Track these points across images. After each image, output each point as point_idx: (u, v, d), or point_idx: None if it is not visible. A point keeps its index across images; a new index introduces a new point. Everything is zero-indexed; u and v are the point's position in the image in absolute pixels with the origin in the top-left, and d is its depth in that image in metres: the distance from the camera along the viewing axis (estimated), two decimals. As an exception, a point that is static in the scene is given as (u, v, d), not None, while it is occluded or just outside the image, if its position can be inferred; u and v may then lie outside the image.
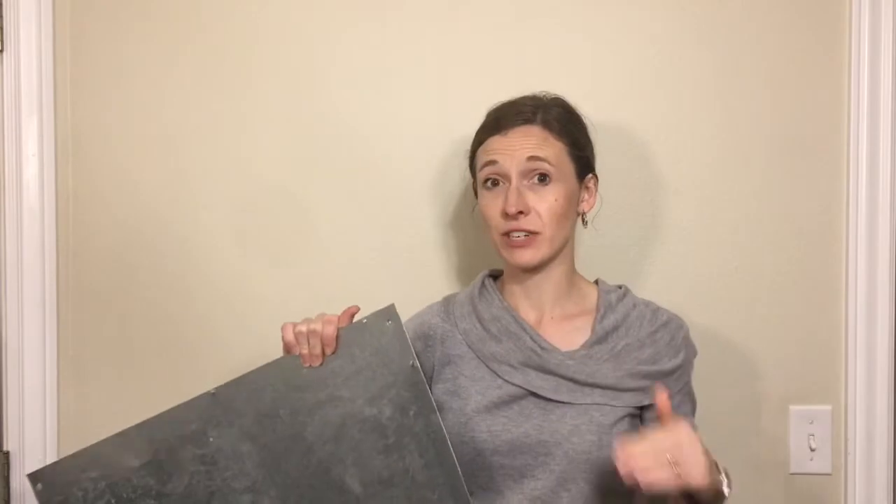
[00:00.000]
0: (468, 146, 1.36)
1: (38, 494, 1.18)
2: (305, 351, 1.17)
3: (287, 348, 1.19)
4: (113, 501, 1.18)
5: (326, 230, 1.55)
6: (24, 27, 1.54)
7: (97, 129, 1.57)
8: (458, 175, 1.51)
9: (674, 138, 1.51)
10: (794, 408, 1.52)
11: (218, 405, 1.19)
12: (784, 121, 1.51)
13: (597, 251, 1.50)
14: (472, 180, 1.37)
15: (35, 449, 1.56)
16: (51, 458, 1.56)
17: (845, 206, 1.51)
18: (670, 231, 1.52)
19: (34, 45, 1.55)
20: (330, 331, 1.17)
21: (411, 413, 1.17)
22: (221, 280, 1.56)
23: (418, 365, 1.18)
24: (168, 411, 1.20)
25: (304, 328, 1.17)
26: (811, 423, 1.52)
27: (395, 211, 1.54)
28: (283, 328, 1.19)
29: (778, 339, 1.52)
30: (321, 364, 1.18)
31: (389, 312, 1.19)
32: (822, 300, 1.52)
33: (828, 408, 1.52)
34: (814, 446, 1.51)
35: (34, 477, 1.19)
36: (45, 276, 1.56)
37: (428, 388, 1.19)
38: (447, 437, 1.17)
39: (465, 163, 1.37)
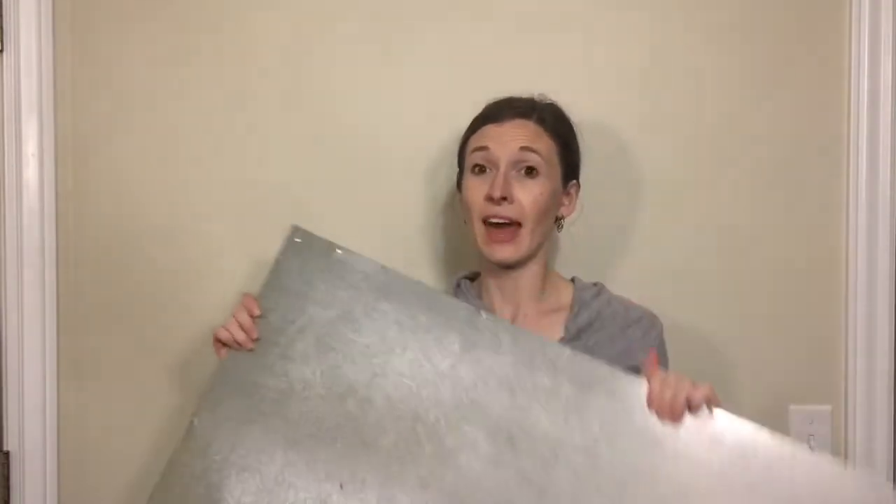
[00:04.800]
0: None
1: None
2: (241, 335, 1.21)
3: (229, 347, 1.23)
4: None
5: (328, 229, 1.55)
6: (24, 27, 1.54)
7: (97, 129, 1.57)
8: (452, 173, 1.51)
9: (673, 139, 1.51)
10: (794, 408, 1.52)
11: (205, 429, 1.20)
12: (784, 121, 1.51)
13: (597, 252, 1.50)
14: (457, 173, 1.37)
15: (35, 449, 1.56)
16: (51, 459, 1.56)
17: (845, 206, 1.51)
18: (669, 231, 1.52)
19: (34, 45, 1.54)
20: (246, 299, 1.23)
21: (364, 286, 1.21)
22: (222, 280, 1.55)
23: (341, 249, 1.23)
24: (165, 469, 1.21)
25: (230, 319, 1.23)
26: (811, 423, 1.52)
27: (396, 210, 1.54)
28: (215, 336, 1.23)
29: (778, 339, 1.52)
30: (257, 338, 1.21)
31: (294, 233, 1.25)
32: (822, 300, 1.52)
33: (828, 408, 1.52)
34: (814, 446, 1.51)
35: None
36: (45, 276, 1.55)
37: (357, 255, 1.23)
38: (396, 270, 1.22)
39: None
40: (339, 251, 1.23)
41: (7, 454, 1.56)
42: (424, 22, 1.53)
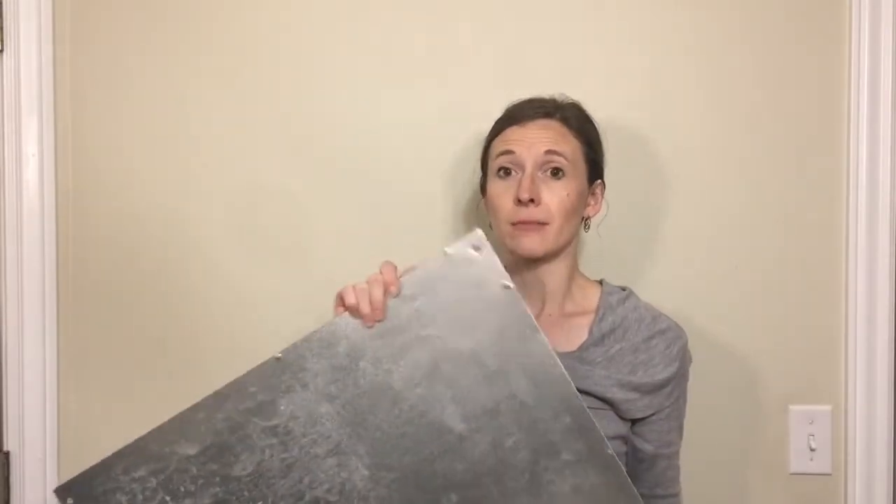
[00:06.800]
0: (472, 147, 1.36)
1: None
2: (367, 308, 1.09)
3: (349, 312, 1.11)
4: (168, 499, 1.07)
5: (329, 229, 1.55)
6: (24, 27, 1.54)
7: (97, 129, 1.57)
8: (461, 175, 1.51)
9: (673, 139, 1.51)
10: (794, 408, 1.52)
11: (286, 369, 1.09)
12: (784, 121, 1.51)
13: (597, 250, 1.50)
14: (480, 177, 1.35)
15: (35, 449, 1.56)
16: (51, 459, 1.56)
17: (845, 206, 1.51)
18: (670, 231, 1.52)
19: (34, 45, 1.55)
20: (388, 272, 1.11)
21: (511, 335, 1.09)
22: (222, 280, 1.56)
23: (513, 285, 1.10)
24: (228, 386, 1.08)
25: (363, 284, 1.10)
26: (811, 423, 1.52)
27: (397, 210, 1.54)
28: (343, 292, 1.11)
29: (778, 339, 1.52)
30: (381, 319, 1.09)
31: (476, 239, 1.10)
32: (822, 300, 1.52)
33: (828, 408, 1.52)
34: (814, 446, 1.51)
35: (63, 491, 1.07)
36: (45, 276, 1.55)
37: (525, 305, 1.10)
38: (551, 349, 1.10)
39: (469, 164, 1.37)
40: (508, 287, 1.10)
41: (7, 454, 1.56)
42: (439, 22, 1.53)
